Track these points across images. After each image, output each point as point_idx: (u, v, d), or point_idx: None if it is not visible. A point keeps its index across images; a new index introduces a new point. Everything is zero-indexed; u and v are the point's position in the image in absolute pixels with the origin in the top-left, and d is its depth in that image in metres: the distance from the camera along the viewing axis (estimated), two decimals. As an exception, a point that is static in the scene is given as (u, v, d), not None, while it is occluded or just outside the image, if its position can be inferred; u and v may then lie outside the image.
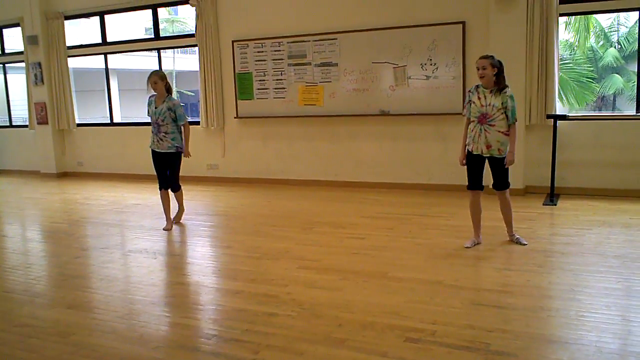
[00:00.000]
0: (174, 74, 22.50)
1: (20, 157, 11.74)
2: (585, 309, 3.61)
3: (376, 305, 3.80)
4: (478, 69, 4.85)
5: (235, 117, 9.17)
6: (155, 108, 6.06)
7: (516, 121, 4.89)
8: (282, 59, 8.59)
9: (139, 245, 5.68)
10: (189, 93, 23.68)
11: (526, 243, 4.98)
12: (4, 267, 5.20)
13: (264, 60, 8.74)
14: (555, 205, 6.63)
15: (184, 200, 6.48)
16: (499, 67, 4.85)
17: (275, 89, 8.72)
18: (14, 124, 12.13)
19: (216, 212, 7.27)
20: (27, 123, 11.46)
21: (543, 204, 6.68)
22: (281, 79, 8.65)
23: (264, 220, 6.56)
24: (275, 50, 8.63)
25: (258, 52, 8.77)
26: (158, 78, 6.03)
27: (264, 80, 8.79)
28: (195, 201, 7.93)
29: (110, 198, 8.37)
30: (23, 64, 11.13)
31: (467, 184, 5.11)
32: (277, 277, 4.46)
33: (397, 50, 7.77)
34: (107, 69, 10.80)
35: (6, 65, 11.90)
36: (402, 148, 8.00)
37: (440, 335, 3.29)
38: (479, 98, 4.90)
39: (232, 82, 9.08)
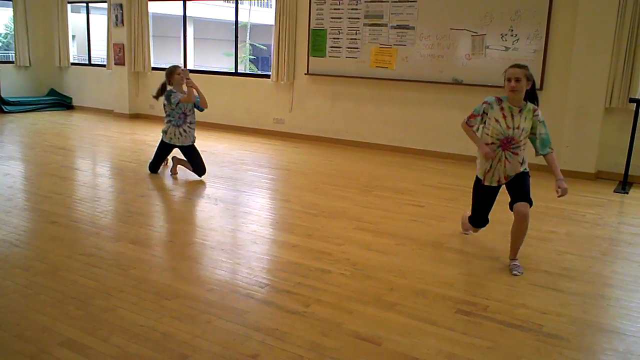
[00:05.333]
0: (249, 27, 22.58)
1: (96, 95, 12.14)
2: (648, 302, 3.47)
3: (430, 274, 3.78)
4: (510, 81, 3.79)
5: (305, 74, 9.15)
6: (179, 101, 6.15)
7: (552, 150, 3.99)
8: (358, 18, 8.46)
9: (201, 190, 5.82)
10: (262, 46, 23.76)
11: (521, 273, 3.83)
12: (74, 198, 5.44)
13: (340, 18, 8.63)
14: (627, 193, 6.35)
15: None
16: (533, 82, 3.90)
17: (348, 48, 8.62)
18: (92, 62, 12.51)
19: (278, 166, 7.34)
20: (105, 63, 11.80)
21: (614, 191, 6.41)
22: (355, 39, 8.53)
23: (325, 178, 6.58)
24: (352, 9, 8.51)
25: (334, 9, 8.67)
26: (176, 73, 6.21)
27: (338, 38, 8.70)
28: (259, 153, 8.04)
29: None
30: (105, 5, 11.40)
31: (471, 214, 4.28)
32: (333, 235, 4.49)
33: (478, 18, 7.52)
34: (185, 15, 10.93)
35: (89, 5, 12.22)
36: (472, 120, 7.79)
37: (493, 311, 3.24)
38: (504, 117, 3.86)
39: (306, 37, 9.04)
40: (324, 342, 2.82)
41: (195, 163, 6.31)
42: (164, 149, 6.43)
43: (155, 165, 6.49)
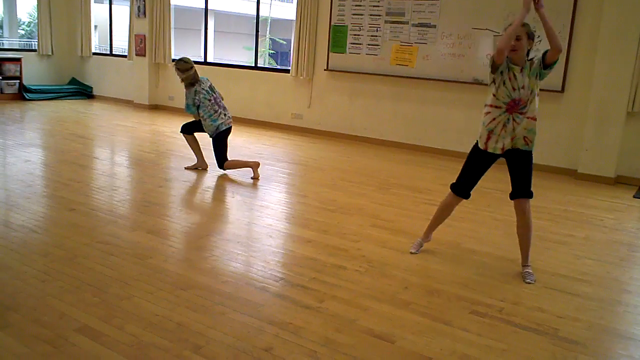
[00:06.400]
0: (269, 21, 22.60)
1: (117, 85, 12.23)
2: (667, 310, 3.43)
3: (446, 274, 3.76)
4: None
5: (325, 70, 9.14)
6: (209, 87, 6.18)
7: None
8: (379, 15, 8.43)
9: (218, 183, 5.84)
10: (282, 41, 23.77)
11: (532, 282, 3.69)
12: (92, 186, 5.49)
13: (361, 15, 8.60)
14: (648, 199, 6.27)
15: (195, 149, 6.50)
16: (533, 39, 3.73)
17: (368, 44, 8.59)
18: (114, 53, 12.59)
19: (296, 161, 7.34)
20: (126, 53, 11.88)
21: (634, 196, 6.33)
22: (376, 36, 8.50)
23: (342, 174, 6.58)
24: (373, 6, 8.47)
25: (356, 5, 8.64)
26: (175, 69, 6.17)
27: (358, 35, 8.68)
28: (277, 148, 8.05)
29: (197, 135, 8.58)
30: (128, -5, 11.48)
31: (457, 179, 4.08)
32: (350, 232, 4.48)
33: (500, 17, 7.45)
34: (206, 8, 10.97)
35: (112, -5, 12.32)
36: (491, 120, 7.74)
37: (508, 313, 3.22)
38: (509, 79, 3.65)
39: (327, 33, 9.02)
40: (338, 338, 2.82)
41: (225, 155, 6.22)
42: (224, 138, 6.25)
43: (191, 128, 6.42)
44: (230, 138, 6.29)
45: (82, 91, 12.46)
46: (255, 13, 10.30)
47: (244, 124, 9.94)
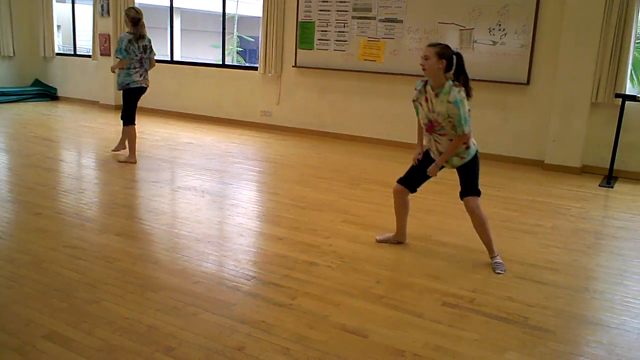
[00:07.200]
0: (236, 18, 22.43)
1: (82, 86, 12.01)
2: (632, 295, 3.50)
3: (416, 267, 3.79)
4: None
5: (293, 66, 9.12)
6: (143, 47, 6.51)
7: (465, 133, 3.63)
8: (346, 11, 8.44)
9: (187, 182, 5.79)
10: (249, 39, 23.62)
11: (502, 272, 3.73)
12: (58, 189, 5.38)
13: (328, 11, 8.60)
14: (612, 187, 6.40)
15: (129, 141, 6.68)
16: (448, 60, 3.58)
17: (336, 40, 8.60)
18: (78, 53, 12.36)
19: (266, 158, 7.31)
20: (91, 53, 11.67)
21: (599, 185, 6.46)
22: (343, 31, 8.51)
23: (312, 171, 6.57)
24: (340, 2, 8.48)
25: (323, 1, 8.64)
26: (124, 13, 6.57)
27: (326, 31, 8.67)
28: (246, 146, 8.01)
29: (164, 135, 8.51)
30: (91, -6, 11.27)
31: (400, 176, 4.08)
32: (320, 228, 4.48)
33: (466, 12, 7.52)
34: (171, 7, 10.84)
35: (75, -6, 12.08)
36: (459, 113, 7.80)
37: (479, 304, 3.25)
38: (426, 100, 3.73)
39: (294, 30, 9.00)
40: (310, 334, 2.82)
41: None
42: (138, 95, 6.63)
43: (134, 116, 6.70)
44: (199, 136, 6.23)
45: (46, 93, 12.21)
46: (222, 10, 10.21)
47: (212, 123, 9.87)
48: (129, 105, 6.58)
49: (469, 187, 3.83)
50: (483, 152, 7.63)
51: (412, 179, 4.04)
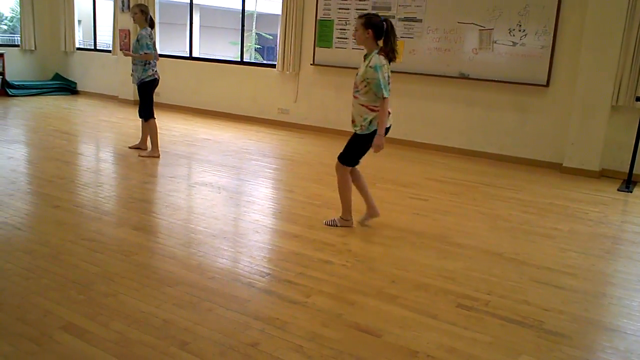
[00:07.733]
0: (255, 16, 22.49)
1: (101, 81, 12.11)
2: (650, 302, 3.46)
3: (432, 268, 3.77)
4: None
5: (311, 64, 9.12)
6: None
7: (384, 97, 3.99)
8: (366, 9, 8.41)
9: (204, 178, 5.82)
10: (268, 36, 23.68)
11: (330, 225, 4.42)
12: (77, 183, 5.44)
13: (347, 9, 8.59)
14: (631, 192, 6.32)
15: (150, 135, 6.79)
16: (374, 29, 4.01)
17: (355, 39, 8.55)
18: (98, 48, 12.47)
19: (282, 156, 7.32)
20: (111, 48, 11.77)
21: (618, 190, 6.39)
22: (362, 30, 8.47)
23: (329, 169, 6.53)
24: (360, 0, 8.46)
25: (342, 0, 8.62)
26: (137, 9, 6.55)
27: (344, 29, 8.67)
28: (263, 143, 8.03)
29: (182, 130, 8.56)
30: (112, -10, 11.36)
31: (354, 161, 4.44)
32: (336, 227, 4.48)
33: (486, 12, 7.47)
34: (191, 3, 10.89)
35: (96, -11, 12.18)
36: (477, 114, 7.77)
37: (494, 307, 3.23)
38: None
39: (313, 28, 9.00)
40: (324, 332, 2.82)
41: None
42: (153, 88, 6.81)
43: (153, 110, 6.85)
44: (216, 133, 6.25)
45: (66, 87, 12.34)
46: (241, 8, 10.24)
47: (230, 120, 9.91)
48: (147, 99, 6.73)
49: (343, 154, 4.30)
50: (500, 154, 7.67)
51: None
